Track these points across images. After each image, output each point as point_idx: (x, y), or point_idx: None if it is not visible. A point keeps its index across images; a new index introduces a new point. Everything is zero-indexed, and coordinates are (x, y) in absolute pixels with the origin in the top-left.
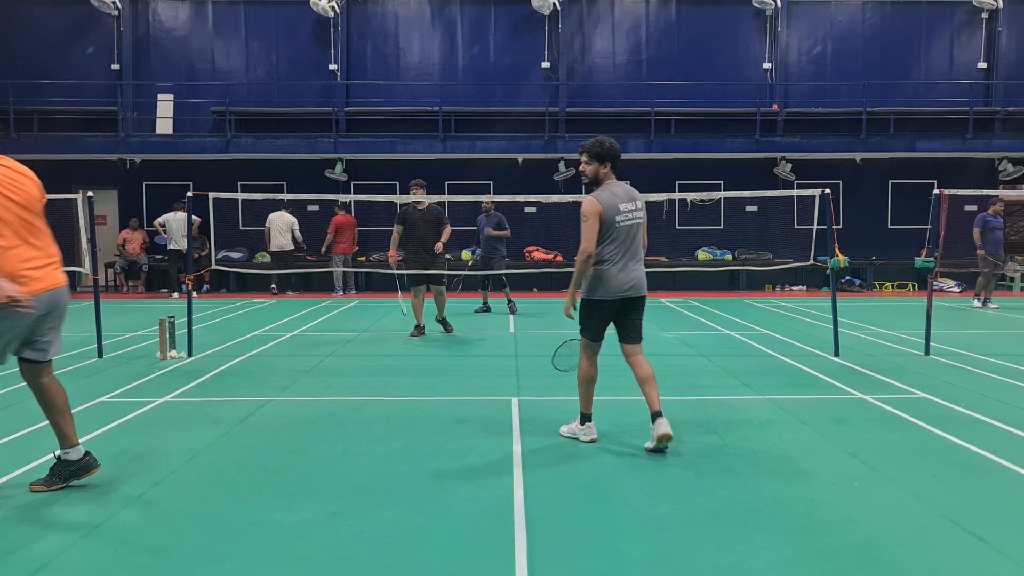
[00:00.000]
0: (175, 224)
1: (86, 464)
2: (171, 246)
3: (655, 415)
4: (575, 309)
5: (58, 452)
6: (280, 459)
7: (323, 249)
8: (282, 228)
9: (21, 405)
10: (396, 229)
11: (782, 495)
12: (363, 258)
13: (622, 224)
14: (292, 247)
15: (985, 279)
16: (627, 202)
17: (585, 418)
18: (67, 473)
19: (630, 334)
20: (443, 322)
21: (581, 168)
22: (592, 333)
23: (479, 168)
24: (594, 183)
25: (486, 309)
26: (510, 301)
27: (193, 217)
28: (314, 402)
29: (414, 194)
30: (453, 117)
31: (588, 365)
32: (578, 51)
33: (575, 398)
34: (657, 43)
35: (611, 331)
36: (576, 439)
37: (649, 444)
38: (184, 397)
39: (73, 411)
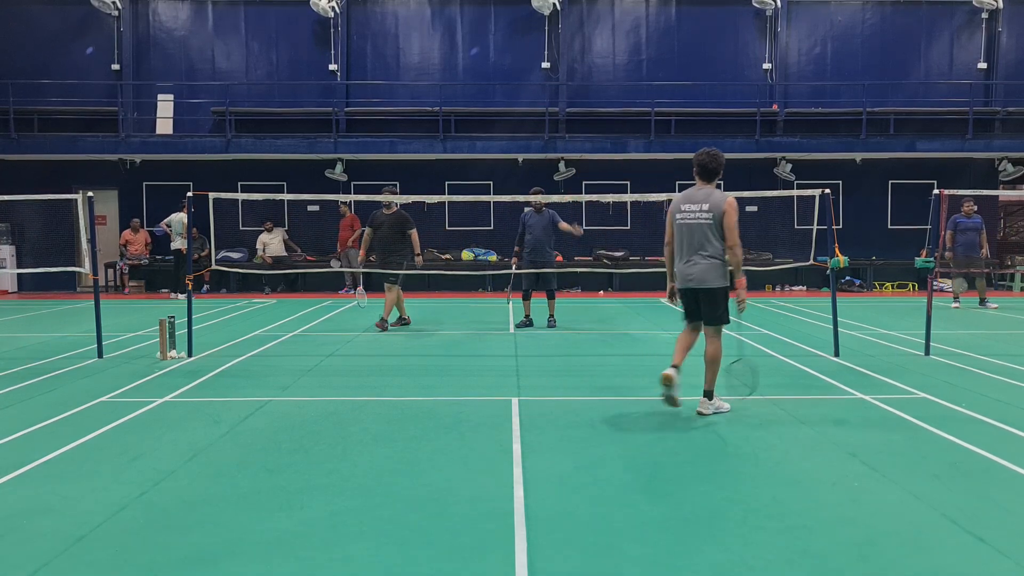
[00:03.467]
0: (177, 223)
1: None
2: (174, 246)
3: (705, 392)
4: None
5: None
6: (280, 459)
7: (361, 254)
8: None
9: (22, 405)
10: (367, 232)
11: (782, 495)
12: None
13: (680, 222)
14: (285, 253)
15: (956, 281)
16: (690, 204)
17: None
18: None
19: (704, 317)
20: (383, 321)
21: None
22: (682, 313)
23: (479, 168)
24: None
25: (528, 323)
26: (552, 316)
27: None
28: (314, 402)
29: (385, 197)
30: (453, 117)
31: (683, 335)
32: (578, 51)
33: (576, 398)
34: (657, 43)
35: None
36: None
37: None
38: (184, 397)
39: (73, 411)
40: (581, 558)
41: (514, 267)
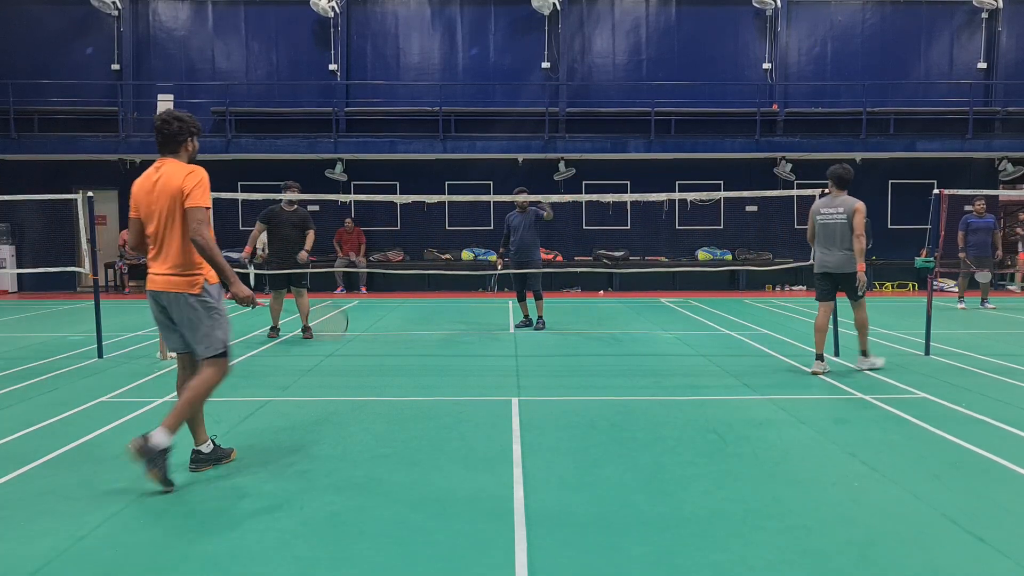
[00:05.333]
0: None
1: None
2: None
3: (861, 351)
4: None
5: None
6: (280, 459)
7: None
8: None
9: (22, 405)
10: (258, 227)
11: (782, 495)
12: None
13: (822, 222)
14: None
15: (965, 279)
16: (829, 208)
17: (817, 357)
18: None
19: (848, 295)
20: (305, 329)
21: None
22: (817, 294)
23: (479, 168)
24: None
25: (527, 323)
26: (540, 317)
27: None
28: (314, 402)
29: (288, 194)
30: (453, 117)
31: (819, 317)
32: (578, 51)
33: (574, 398)
34: (657, 43)
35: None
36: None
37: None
38: None
39: (73, 411)
40: (581, 558)
41: (500, 267)
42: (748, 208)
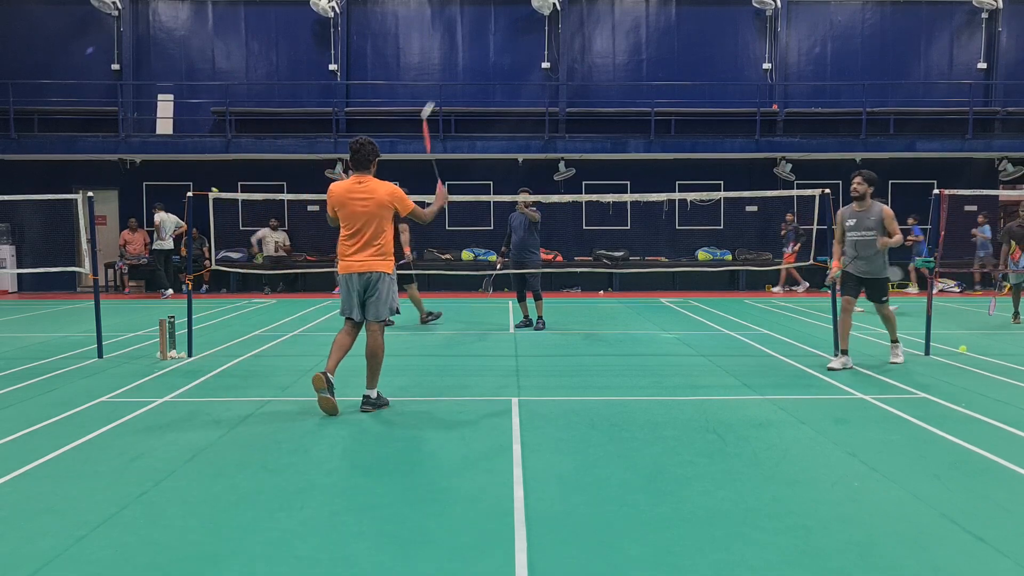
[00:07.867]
0: (168, 224)
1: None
2: (155, 246)
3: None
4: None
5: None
6: (280, 459)
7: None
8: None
9: (22, 405)
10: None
11: (782, 495)
12: None
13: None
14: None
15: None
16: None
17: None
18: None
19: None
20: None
21: (856, 187)
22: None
23: (479, 168)
24: (862, 198)
25: (527, 323)
26: (540, 317)
27: (181, 223)
28: (314, 402)
29: None
30: (453, 117)
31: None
32: (578, 51)
33: (574, 398)
34: (657, 43)
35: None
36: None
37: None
38: (184, 397)
39: (73, 411)
40: (581, 558)
41: (499, 266)
42: (748, 208)
